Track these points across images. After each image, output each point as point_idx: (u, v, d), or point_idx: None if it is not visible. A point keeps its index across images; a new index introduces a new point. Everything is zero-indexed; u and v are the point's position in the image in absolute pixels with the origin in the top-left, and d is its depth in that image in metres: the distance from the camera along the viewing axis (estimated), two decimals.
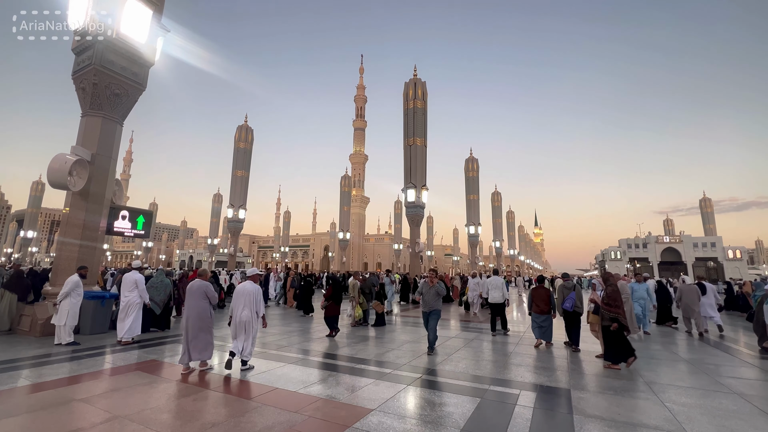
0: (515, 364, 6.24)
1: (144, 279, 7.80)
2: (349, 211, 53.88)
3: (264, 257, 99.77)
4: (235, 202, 36.27)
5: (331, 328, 8.67)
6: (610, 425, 3.73)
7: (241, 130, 37.85)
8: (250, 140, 38.05)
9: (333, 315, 8.74)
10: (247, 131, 38.23)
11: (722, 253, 51.25)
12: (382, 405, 4.16)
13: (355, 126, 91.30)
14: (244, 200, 37.07)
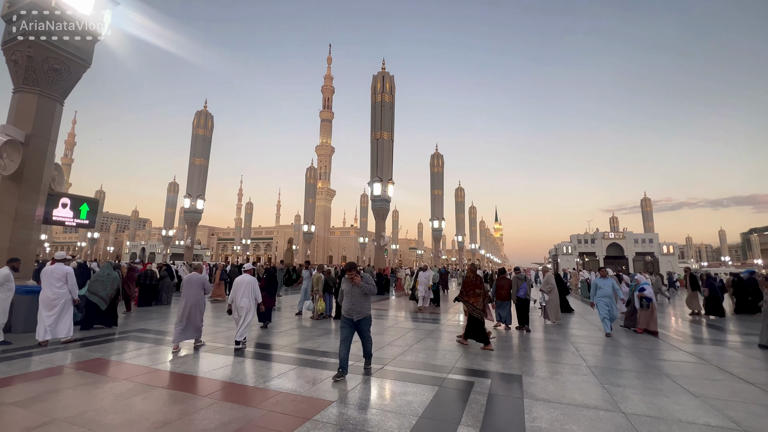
0: (473, 353, 6.51)
1: (74, 272, 7.16)
2: (314, 203, 53.04)
3: (224, 250, 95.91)
4: (193, 191, 34.47)
5: (262, 320, 8.52)
6: (555, 407, 4.01)
7: (200, 115, 35.86)
8: (209, 127, 36.19)
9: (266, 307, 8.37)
10: (207, 117, 36.31)
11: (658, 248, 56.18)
12: (343, 396, 4.19)
13: (321, 117, 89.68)
14: (202, 190, 35.32)
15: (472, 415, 3.73)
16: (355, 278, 5.06)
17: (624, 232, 59.83)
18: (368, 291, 5.10)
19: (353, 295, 5.10)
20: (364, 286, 5.07)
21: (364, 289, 5.07)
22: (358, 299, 5.09)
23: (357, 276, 5.08)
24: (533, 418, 3.68)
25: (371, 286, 5.09)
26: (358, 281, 5.06)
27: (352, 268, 5.19)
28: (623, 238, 58.73)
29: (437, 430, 3.41)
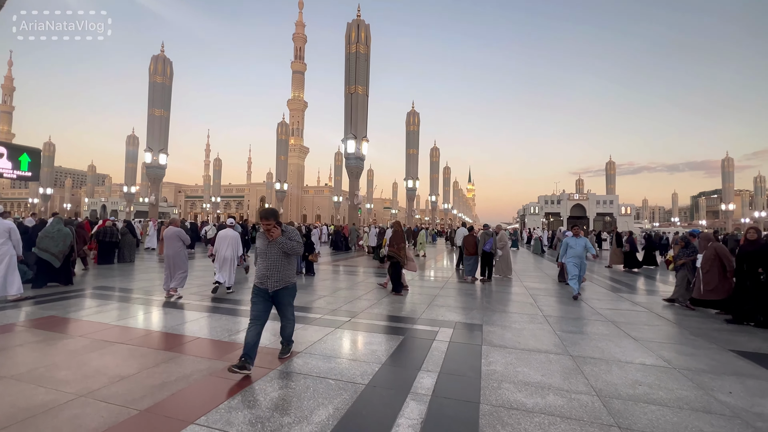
0: (438, 306, 6.78)
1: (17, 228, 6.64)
2: (286, 160, 51.43)
3: (193, 208, 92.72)
4: (154, 145, 32.29)
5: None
6: (510, 352, 4.28)
7: (156, 61, 32.72)
8: (168, 74, 33.23)
9: None
10: (165, 63, 33.19)
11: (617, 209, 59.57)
12: (309, 347, 4.26)
13: (293, 68, 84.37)
14: (164, 143, 33.12)
15: (433, 361, 3.91)
16: (273, 231, 3.67)
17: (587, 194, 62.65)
18: (290, 250, 3.70)
19: (270, 255, 3.73)
20: (283, 243, 3.65)
21: (284, 247, 3.66)
22: (276, 262, 3.72)
23: (276, 228, 3.69)
24: (489, 362, 3.91)
25: (294, 244, 3.70)
26: (276, 235, 3.67)
27: (270, 216, 3.72)
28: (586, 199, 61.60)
29: (398, 375, 3.56)
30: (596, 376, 3.62)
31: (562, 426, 2.65)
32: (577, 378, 3.55)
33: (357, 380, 3.37)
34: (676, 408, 2.99)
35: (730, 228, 50.86)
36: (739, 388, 3.41)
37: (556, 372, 3.70)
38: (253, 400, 2.95)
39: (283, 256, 3.77)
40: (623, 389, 3.33)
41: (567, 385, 3.37)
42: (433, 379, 3.45)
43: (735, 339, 5.05)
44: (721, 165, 61.50)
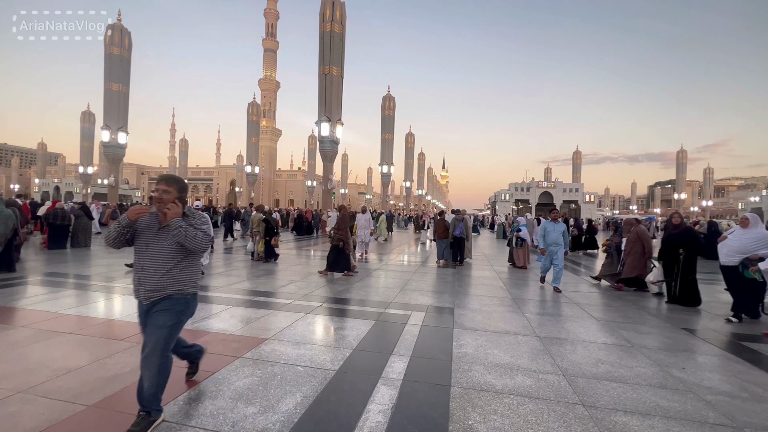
0: (410, 290, 6.78)
1: None
2: (257, 142, 49.68)
3: None
4: (112, 122, 30.19)
5: None
6: (481, 334, 4.33)
7: (113, 31, 30.20)
8: (127, 46, 30.86)
9: None
10: (123, 34, 30.79)
11: (582, 197, 62.32)
12: (278, 334, 4.12)
13: (265, 46, 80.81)
14: (124, 121, 31.04)
15: (405, 345, 3.89)
16: (170, 208, 2.28)
17: (555, 182, 65.02)
18: (190, 242, 2.30)
19: (153, 246, 2.34)
20: (180, 230, 2.26)
21: (180, 236, 2.27)
22: (160, 256, 2.33)
23: (176, 205, 2.31)
24: (460, 345, 3.94)
25: (199, 235, 2.32)
26: (173, 215, 2.27)
27: (171, 183, 2.37)
28: (554, 187, 63.94)
29: (369, 360, 3.50)
30: (562, 356, 3.73)
31: (530, 406, 2.69)
32: (544, 359, 3.64)
33: (327, 366, 3.28)
34: (635, 384, 3.12)
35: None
36: (691, 364, 3.62)
37: (525, 353, 3.77)
38: (216, 390, 2.80)
39: (176, 251, 2.34)
40: (587, 368, 3.44)
41: (535, 366, 3.44)
42: (405, 363, 3.42)
43: (686, 318, 5.38)
44: (676, 157, 65.45)
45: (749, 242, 5.04)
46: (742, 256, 5.07)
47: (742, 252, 5.06)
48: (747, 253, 5.01)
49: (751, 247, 5.01)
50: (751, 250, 4.98)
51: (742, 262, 5.09)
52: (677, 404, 2.80)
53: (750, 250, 5.00)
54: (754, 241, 5.02)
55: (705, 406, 2.77)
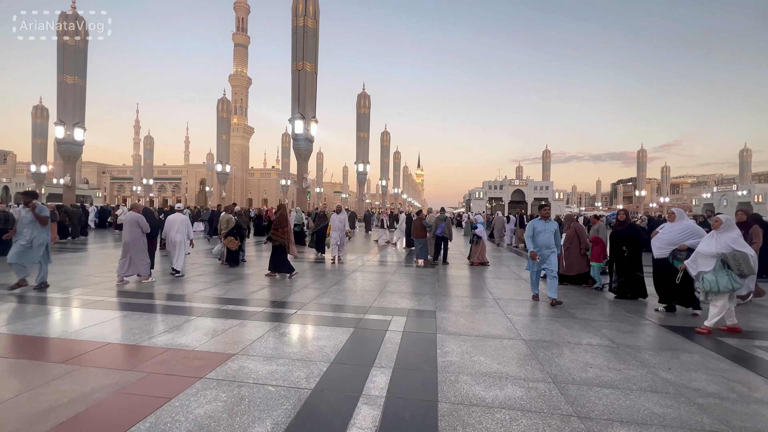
0: (390, 292, 6.54)
1: None
2: (228, 140, 47.92)
3: (121, 190, 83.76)
4: (67, 118, 28.12)
5: None
6: (465, 339, 4.13)
7: (66, 20, 28.06)
8: (83, 35, 28.71)
9: None
10: (78, 22, 28.62)
11: (552, 195, 64.47)
12: (247, 348, 3.75)
13: (235, 41, 78.29)
14: (80, 116, 28.99)
15: (386, 355, 3.63)
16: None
17: (527, 180, 66.93)
18: None
19: None
20: None
21: None
22: None
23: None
24: (445, 353, 3.72)
25: None
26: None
27: None
28: (526, 185, 65.80)
29: (349, 374, 3.22)
30: (550, 360, 3.59)
31: (524, 421, 2.50)
32: (532, 364, 3.48)
33: (302, 384, 2.96)
34: (626, 389, 3.00)
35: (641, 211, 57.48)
36: (676, 364, 3.57)
37: (512, 359, 3.60)
38: (171, 421, 2.42)
39: None
40: (576, 373, 3.30)
41: (524, 373, 3.27)
42: (387, 376, 3.15)
43: (664, 315, 5.43)
44: (637, 156, 68.75)
45: (676, 233, 5.31)
46: (672, 248, 5.30)
47: (672, 243, 5.31)
48: (675, 244, 5.27)
49: (678, 238, 5.28)
50: (679, 241, 5.25)
51: (672, 253, 5.32)
52: (671, 410, 2.69)
53: (678, 241, 5.26)
54: (680, 232, 5.30)
55: (698, 411, 2.68)
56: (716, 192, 60.32)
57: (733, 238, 4.55)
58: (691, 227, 5.31)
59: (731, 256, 4.40)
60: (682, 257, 5.09)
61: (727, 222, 4.72)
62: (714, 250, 4.52)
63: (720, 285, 4.37)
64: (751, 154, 59.31)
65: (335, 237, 10.56)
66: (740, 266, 4.35)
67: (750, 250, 4.53)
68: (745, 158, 59.07)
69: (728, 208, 51.14)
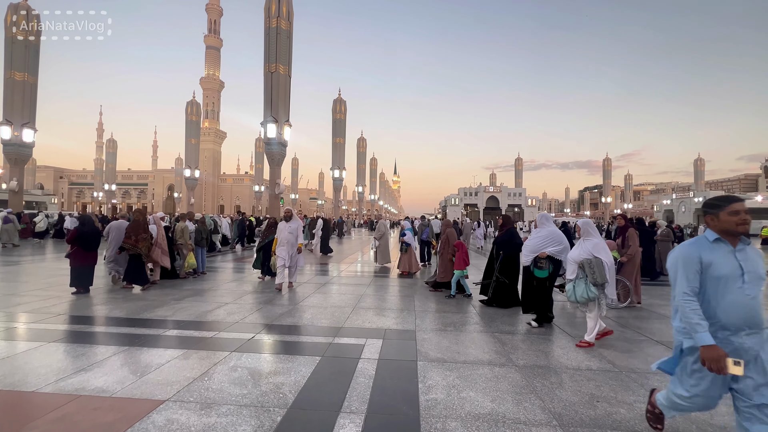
0: (364, 308, 5.89)
1: None
2: (198, 144, 45.90)
3: (80, 196, 78.75)
4: (14, 117, 25.97)
5: (78, 285, 6.52)
6: (450, 368, 3.55)
7: (15, 12, 25.96)
8: (32, 28, 26.62)
9: (80, 266, 6.56)
10: (29, 15, 26.53)
11: (525, 201, 65.97)
12: (183, 390, 3.00)
13: (207, 43, 76.12)
14: (30, 116, 26.85)
15: (358, 393, 2.99)
16: None
17: (501, 187, 68.25)
18: None
19: None
20: None
21: None
22: None
23: None
24: (428, 387, 3.12)
25: None
26: None
27: None
28: (500, 191, 67.04)
29: (311, 425, 2.55)
30: (550, 393, 3.06)
31: None
32: (530, 399, 2.94)
33: None
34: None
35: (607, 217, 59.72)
36: None
37: (507, 392, 3.05)
38: None
39: None
40: (583, 410, 2.79)
41: (523, 413, 2.72)
42: (359, 426, 2.51)
43: (657, 328, 5.09)
44: (603, 164, 71.74)
45: (538, 240, 5.10)
46: (533, 255, 5.06)
47: (534, 251, 5.07)
48: (537, 251, 5.03)
49: (539, 245, 5.05)
50: (539, 249, 5.03)
51: (533, 261, 5.05)
52: None
53: (539, 248, 5.04)
54: (542, 239, 5.09)
55: None
56: (675, 198, 63.68)
57: (593, 244, 4.33)
58: (552, 234, 5.07)
59: (587, 264, 4.18)
60: (543, 265, 4.87)
61: (586, 227, 4.52)
62: (577, 257, 4.33)
63: (576, 294, 4.17)
64: (704, 164, 63.13)
65: (283, 255, 7.26)
66: (594, 274, 4.12)
67: (607, 257, 4.27)
68: (699, 167, 62.75)
69: (686, 214, 54.00)
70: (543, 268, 4.91)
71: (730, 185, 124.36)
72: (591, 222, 4.66)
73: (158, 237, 7.52)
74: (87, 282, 6.53)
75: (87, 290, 6.53)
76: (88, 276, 6.54)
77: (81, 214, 8.43)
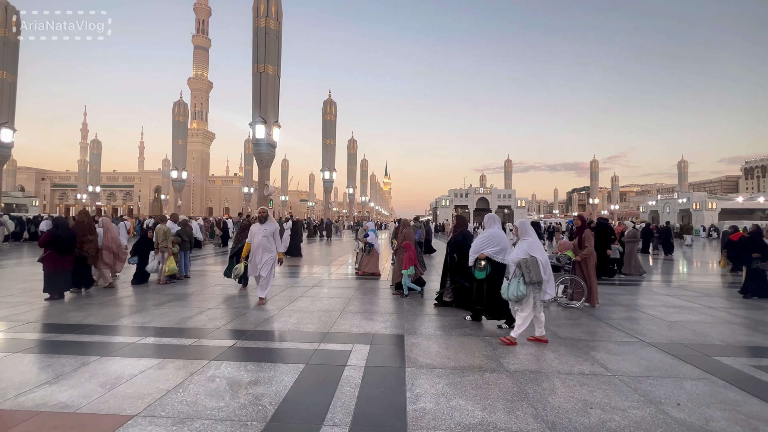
0: (352, 312, 5.73)
1: None
2: (185, 145, 45.04)
3: (63, 199, 76.79)
4: None
5: (51, 291, 6.19)
6: (440, 374, 3.43)
7: None
8: (10, 23, 25.77)
9: (53, 270, 6.19)
10: (8, 11, 25.71)
11: (515, 202, 66.54)
12: (155, 403, 2.80)
13: (195, 43, 75.15)
14: (9, 116, 25.93)
15: (343, 404, 2.83)
16: None
17: (491, 188, 68.73)
18: None
19: None
20: None
21: None
22: None
23: None
24: (416, 396, 2.98)
25: None
26: None
27: None
28: (490, 193, 67.50)
29: None
30: (543, 400, 2.95)
31: None
32: (523, 407, 2.83)
33: None
34: None
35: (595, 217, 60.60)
36: (684, 397, 3.06)
37: (498, 400, 2.93)
38: None
39: None
40: (577, 418, 2.69)
41: (515, 423, 2.60)
42: None
43: (645, 328, 5.05)
44: (590, 166, 72.82)
45: (480, 241, 5.06)
46: (475, 256, 5.02)
47: (475, 251, 5.04)
48: (477, 252, 4.99)
49: (479, 246, 5.02)
50: (479, 249, 4.99)
51: (475, 262, 4.99)
52: None
53: (478, 249, 5.00)
54: (484, 240, 5.01)
55: None
56: (660, 200, 64.93)
57: (528, 243, 4.42)
58: (493, 235, 4.98)
59: (523, 263, 4.26)
60: (480, 266, 4.85)
61: (522, 227, 4.61)
62: (515, 257, 4.39)
63: (509, 292, 4.26)
64: (688, 165, 64.55)
65: (256, 262, 6.24)
66: (530, 272, 4.17)
67: (541, 255, 4.32)
68: (682, 169, 64.09)
69: (671, 215, 55.08)
70: (481, 269, 4.85)
71: (713, 186, 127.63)
72: (528, 222, 4.81)
73: (106, 240, 7.19)
74: (61, 287, 6.23)
75: (61, 296, 6.23)
76: (63, 281, 6.24)
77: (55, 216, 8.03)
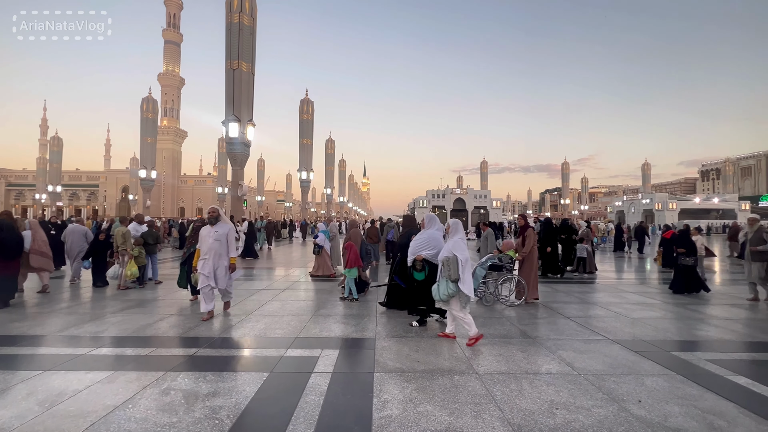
0: (324, 315, 5.60)
1: None
2: (154, 143, 43.23)
3: (20, 198, 72.03)
4: None
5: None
6: (408, 379, 3.36)
7: None
8: None
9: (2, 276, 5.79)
10: None
11: (490, 203, 68.01)
12: (99, 421, 2.58)
13: (166, 38, 72.41)
14: None
15: (306, 414, 2.71)
16: None
17: (467, 189, 69.94)
18: None
19: None
20: None
21: None
22: None
23: None
24: (383, 403, 2.90)
25: None
26: None
27: None
28: (466, 193, 68.68)
29: None
30: (510, 402, 2.94)
31: None
32: (490, 410, 2.80)
33: None
34: None
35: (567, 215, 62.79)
36: (644, 393, 3.13)
37: (466, 403, 2.90)
38: None
39: None
40: (542, 419, 2.68)
41: (481, 427, 2.57)
42: None
43: (615, 327, 5.19)
44: (561, 168, 75.40)
45: (417, 242, 5.06)
46: (413, 257, 5.03)
47: (413, 252, 5.05)
48: (414, 254, 5.01)
49: (417, 247, 5.02)
50: (416, 251, 5.00)
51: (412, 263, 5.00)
52: None
53: (416, 250, 5.01)
54: (421, 241, 5.01)
55: None
56: (626, 200, 68.04)
57: (453, 242, 4.49)
58: (430, 237, 5.00)
59: (445, 261, 4.35)
60: (418, 267, 4.87)
61: (455, 226, 4.71)
62: (442, 256, 4.46)
63: (440, 293, 4.33)
64: (651, 168, 67.97)
65: (206, 272, 5.32)
66: (449, 270, 4.27)
67: (462, 254, 4.35)
68: (646, 171, 67.43)
69: (635, 215, 57.84)
70: (419, 270, 4.85)
71: (673, 188, 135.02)
72: (459, 222, 4.83)
73: (34, 243, 6.79)
74: (6, 295, 5.75)
75: (6, 304, 5.76)
76: (8, 288, 5.76)
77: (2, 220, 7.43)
